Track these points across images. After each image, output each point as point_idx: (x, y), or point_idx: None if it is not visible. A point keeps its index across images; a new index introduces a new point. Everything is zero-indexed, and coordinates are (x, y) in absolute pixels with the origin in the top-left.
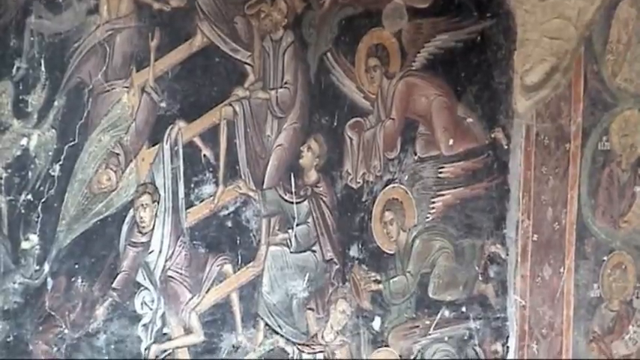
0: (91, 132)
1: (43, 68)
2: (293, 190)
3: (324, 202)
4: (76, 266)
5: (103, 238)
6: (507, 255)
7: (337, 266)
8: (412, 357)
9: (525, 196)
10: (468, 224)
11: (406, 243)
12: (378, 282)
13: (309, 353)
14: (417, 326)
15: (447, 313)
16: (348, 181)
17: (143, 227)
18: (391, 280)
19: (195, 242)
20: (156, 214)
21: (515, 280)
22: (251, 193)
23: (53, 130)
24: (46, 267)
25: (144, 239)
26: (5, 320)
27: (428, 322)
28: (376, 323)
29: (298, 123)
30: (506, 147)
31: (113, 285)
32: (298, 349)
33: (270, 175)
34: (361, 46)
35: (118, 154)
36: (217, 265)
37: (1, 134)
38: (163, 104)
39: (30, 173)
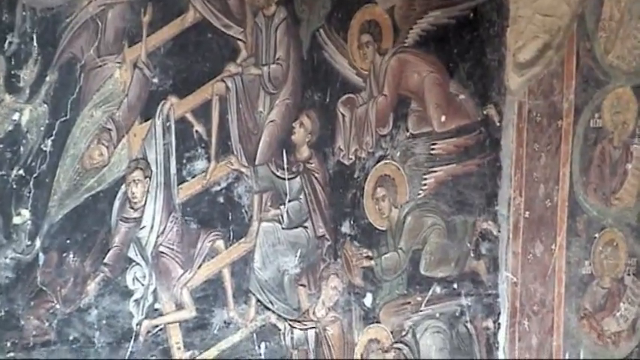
0: (83, 107)
1: (35, 43)
2: (285, 166)
3: (316, 178)
4: (68, 241)
5: (94, 214)
6: (499, 232)
7: (329, 242)
8: (403, 333)
9: (517, 173)
10: (459, 201)
11: (398, 219)
12: (369, 258)
13: (300, 329)
14: (409, 302)
15: (438, 289)
16: (340, 158)
17: (135, 203)
18: (383, 257)
19: (187, 218)
20: (148, 189)
21: (506, 256)
22: (243, 169)
23: (45, 105)
24: (38, 242)
25: (136, 215)
26: None
27: (419, 299)
28: (368, 299)
29: (290, 99)
30: (498, 124)
31: (105, 260)
32: (290, 325)
33: (262, 151)
34: (354, 23)
35: (109, 130)
36: (209, 241)
37: None
38: (155, 80)
39: (22, 148)
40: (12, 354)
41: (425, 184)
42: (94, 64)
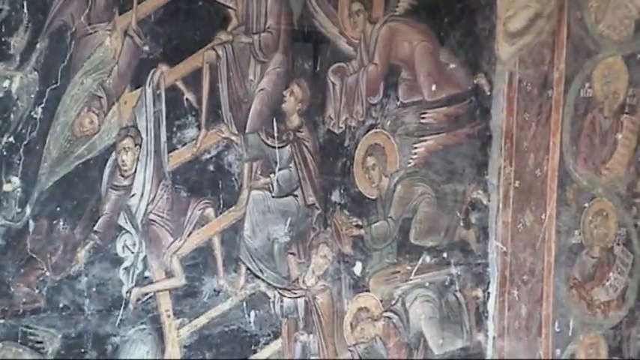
0: (74, 75)
1: (25, 10)
2: (275, 134)
3: (306, 146)
4: (58, 209)
5: (85, 181)
6: (489, 201)
7: (319, 211)
8: (393, 302)
9: (507, 142)
10: (449, 170)
11: (388, 188)
12: (359, 227)
13: (290, 298)
14: (398, 271)
15: (428, 258)
16: (331, 126)
17: (125, 170)
18: (373, 226)
19: (177, 186)
20: (138, 157)
21: (496, 226)
22: (233, 138)
23: (35, 73)
24: (28, 209)
25: (126, 182)
26: None
27: (409, 268)
28: (357, 268)
29: (281, 68)
30: (488, 93)
31: (95, 228)
32: (279, 293)
33: (252, 119)
34: None
35: (100, 97)
36: (199, 209)
37: None
38: (146, 48)
39: (12, 115)
40: (1, 321)
41: (415, 153)
42: (84, 32)
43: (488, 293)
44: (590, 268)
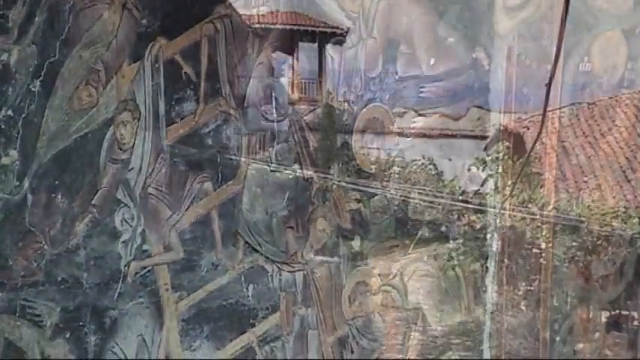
0: (72, 48)
1: None
2: (274, 108)
3: (304, 120)
4: (56, 182)
5: (83, 155)
6: (488, 175)
7: (317, 185)
8: (391, 276)
9: (506, 116)
10: (448, 144)
11: (386, 162)
12: (358, 201)
13: (288, 271)
14: (397, 245)
15: (426, 233)
16: (329, 101)
17: (123, 144)
18: (371, 200)
19: (175, 160)
20: (136, 131)
21: (495, 200)
22: (232, 111)
23: (34, 46)
24: (26, 183)
25: (124, 156)
26: None
27: (407, 242)
28: (356, 242)
29: (279, 42)
30: (487, 67)
31: (93, 201)
32: (278, 267)
33: (251, 93)
34: None
35: (98, 71)
36: (197, 183)
37: None
38: (144, 21)
39: (10, 89)
40: (0, 294)
41: (414, 127)
42: (82, 5)
43: (487, 267)
44: (589, 242)
